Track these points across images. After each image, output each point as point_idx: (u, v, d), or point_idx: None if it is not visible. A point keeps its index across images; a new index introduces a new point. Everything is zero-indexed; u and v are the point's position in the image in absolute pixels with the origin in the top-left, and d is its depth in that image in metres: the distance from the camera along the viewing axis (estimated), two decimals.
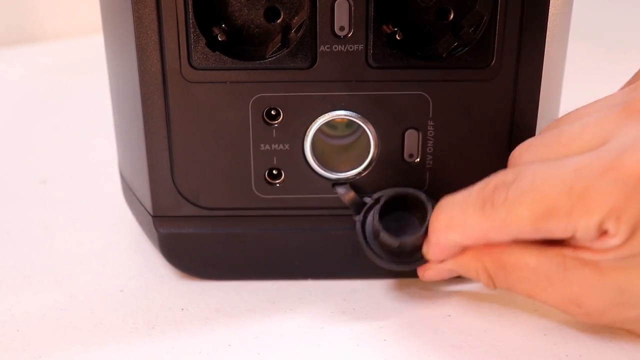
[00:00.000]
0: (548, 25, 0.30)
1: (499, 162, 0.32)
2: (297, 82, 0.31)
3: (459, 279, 0.33)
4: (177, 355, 0.30)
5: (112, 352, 0.30)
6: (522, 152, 0.30)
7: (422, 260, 0.31)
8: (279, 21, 0.30)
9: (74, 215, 0.41)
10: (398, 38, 0.30)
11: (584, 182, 0.26)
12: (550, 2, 0.30)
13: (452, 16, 0.30)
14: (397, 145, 0.32)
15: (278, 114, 0.31)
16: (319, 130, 0.32)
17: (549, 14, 0.30)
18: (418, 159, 0.32)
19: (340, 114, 0.31)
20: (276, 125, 0.32)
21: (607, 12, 0.84)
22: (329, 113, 0.31)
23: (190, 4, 0.29)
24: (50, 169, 0.47)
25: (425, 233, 0.30)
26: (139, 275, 0.36)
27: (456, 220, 0.29)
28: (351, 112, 0.31)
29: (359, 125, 0.31)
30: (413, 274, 0.32)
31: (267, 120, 0.32)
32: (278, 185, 0.33)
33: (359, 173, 0.32)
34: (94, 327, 0.32)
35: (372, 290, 0.34)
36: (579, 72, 0.59)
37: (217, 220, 0.33)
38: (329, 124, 0.32)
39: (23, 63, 0.71)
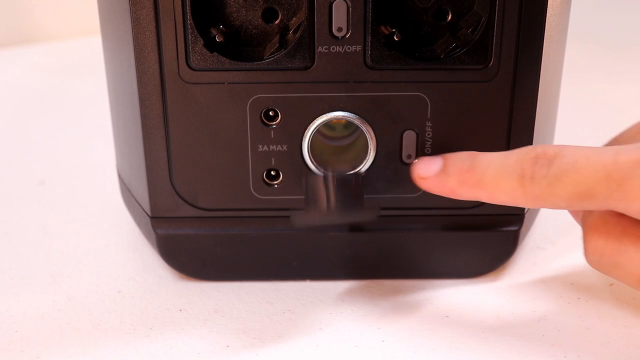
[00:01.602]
0: (546, 25, 0.30)
1: None
2: (295, 83, 0.31)
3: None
4: (175, 356, 0.30)
5: (110, 353, 0.30)
6: None
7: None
8: (276, 22, 0.30)
9: (72, 216, 0.41)
10: (396, 39, 0.30)
11: (622, 170, 0.26)
12: (549, 2, 0.30)
13: (450, 17, 0.30)
14: (395, 146, 0.32)
15: (276, 115, 0.31)
16: (317, 131, 0.32)
17: (547, 14, 0.30)
18: (416, 160, 0.32)
19: (338, 115, 0.31)
20: (274, 126, 0.32)
21: (605, 12, 0.84)
22: (327, 114, 0.31)
23: (188, 5, 0.29)
24: (49, 170, 0.47)
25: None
26: (137, 277, 0.36)
27: (488, 182, 0.29)
28: (349, 113, 0.31)
29: (357, 126, 0.31)
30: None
31: (265, 121, 0.32)
32: (276, 186, 0.33)
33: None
34: (92, 328, 0.32)
35: (370, 291, 0.34)
36: (578, 72, 0.59)
37: (215, 221, 0.33)
38: (327, 125, 0.32)
39: (21, 64, 0.71)
